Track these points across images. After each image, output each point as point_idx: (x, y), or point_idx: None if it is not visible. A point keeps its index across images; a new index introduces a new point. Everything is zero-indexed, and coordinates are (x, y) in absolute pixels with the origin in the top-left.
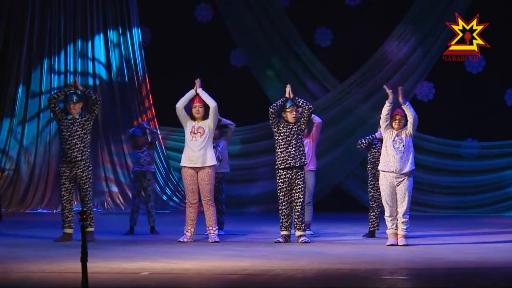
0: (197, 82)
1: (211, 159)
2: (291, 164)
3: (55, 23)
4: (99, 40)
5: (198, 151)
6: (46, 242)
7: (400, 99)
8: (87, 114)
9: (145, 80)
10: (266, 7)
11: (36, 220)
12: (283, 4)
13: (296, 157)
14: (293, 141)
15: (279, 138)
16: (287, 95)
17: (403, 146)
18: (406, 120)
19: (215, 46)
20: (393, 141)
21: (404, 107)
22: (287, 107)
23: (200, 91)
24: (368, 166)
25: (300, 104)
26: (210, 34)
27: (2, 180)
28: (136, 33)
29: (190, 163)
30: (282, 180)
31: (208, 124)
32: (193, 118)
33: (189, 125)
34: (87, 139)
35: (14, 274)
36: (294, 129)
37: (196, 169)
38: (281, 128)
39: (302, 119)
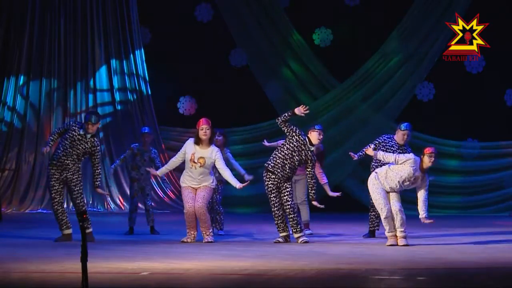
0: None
1: (209, 182)
2: (276, 172)
3: (55, 24)
4: (99, 41)
5: (197, 177)
6: (46, 242)
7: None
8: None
9: (145, 80)
10: (266, 7)
11: (36, 220)
12: (283, 4)
13: (285, 173)
14: (296, 162)
15: (285, 145)
16: (298, 112)
17: (408, 186)
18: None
19: (215, 46)
20: (407, 180)
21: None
22: (316, 128)
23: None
24: (372, 164)
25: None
26: (210, 34)
27: (2, 180)
28: (136, 33)
29: (188, 184)
30: (271, 182)
31: (212, 159)
32: (198, 141)
33: (189, 151)
34: (82, 159)
35: (14, 274)
36: (304, 153)
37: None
38: (294, 140)
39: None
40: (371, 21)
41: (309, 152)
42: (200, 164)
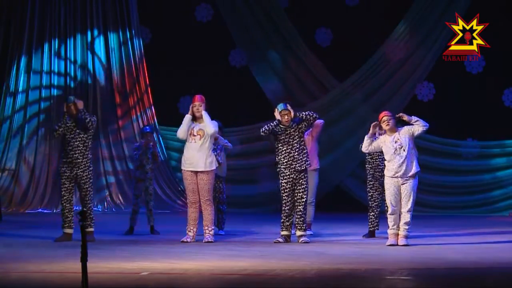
0: (197, 107)
1: (210, 164)
2: (297, 168)
3: (54, 23)
4: (99, 40)
5: (197, 153)
6: (46, 242)
7: (406, 119)
8: (84, 132)
9: (145, 80)
10: (266, 7)
11: (36, 220)
12: (283, 4)
13: (300, 160)
14: (295, 144)
15: (279, 145)
16: (277, 115)
17: (404, 150)
18: (395, 120)
19: (215, 46)
20: (394, 149)
21: (413, 122)
22: (279, 110)
23: (204, 114)
24: (367, 166)
25: (304, 117)
26: (210, 34)
27: (2, 180)
28: (136, 33)
29: (189, 167)
30: (286, 181)
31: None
32: (193, 117)
33: (189, 126)
34: (89, 143)
35: (14, 274)
36: (292, 131)
37: (196, 172)
38: (279, 135)
39: (305, 123)
40: (371, 21)
41: (295, 127)
42: (199, 136)
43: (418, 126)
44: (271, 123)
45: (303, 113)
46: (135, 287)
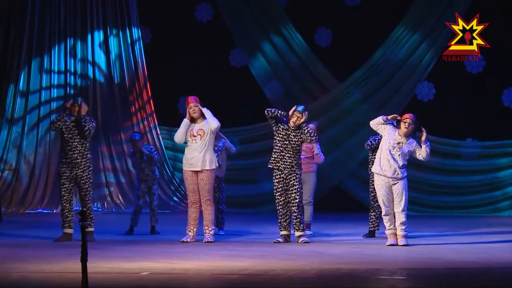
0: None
1: (210, 163)
2: (280, 167)
3: (54, 22)
4: (99, 40)
5: (198, 153)
6: (46, 242)
7: (423, 137)
8: (80, 136)
9: (145, 80)
10: (266, 7)
11: (36, 220)
12: (283, 4)
13: (288, 164)
14: (289, 147)
15: (277, 138)
16: (290, 112)
17: (399, 155)
18: (415, 128)
19: (215, 46)
20: (392, 147)
21: (422, 144)
22: (296, 109)
23: (205, 110)
24: (370, 165)
25: (305, 131)
26: (210, 34)
27: (2, 180)
28: (136, 33)
29: (190, 167)
30: (277, 180)
31: (208, 129)
32: (191, 119)
33: (188, 128)
34: (87, 144)
35: (13, 274)
36: (292, 135)
37: (196, 172)
38: (280, 130)
39: (303, 136)
40: (371, 21)
41: (296, 133)
42: (200, 136)
43: (423, 152)
44: (280, 111)
45: (308, 128)
46: (135, 287)
